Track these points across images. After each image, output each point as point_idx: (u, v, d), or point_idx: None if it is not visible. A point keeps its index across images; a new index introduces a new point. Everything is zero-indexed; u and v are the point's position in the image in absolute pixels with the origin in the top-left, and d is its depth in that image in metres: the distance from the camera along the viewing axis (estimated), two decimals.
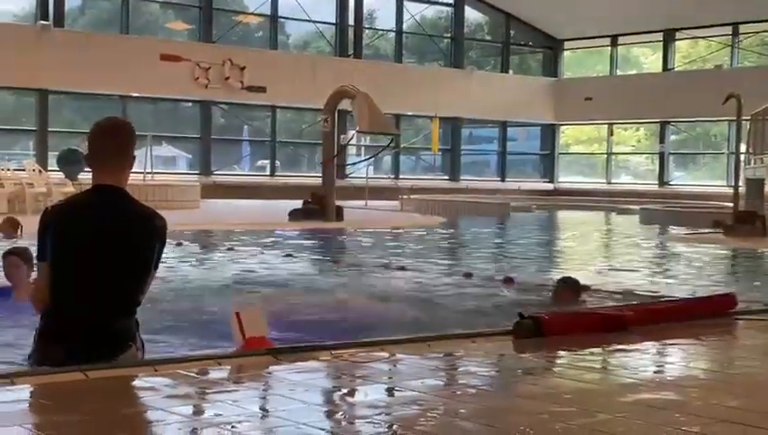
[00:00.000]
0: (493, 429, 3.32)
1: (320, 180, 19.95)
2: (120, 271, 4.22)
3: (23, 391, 3.67)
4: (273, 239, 15.17)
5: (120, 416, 3.44)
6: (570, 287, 7.57)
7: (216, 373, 4.10)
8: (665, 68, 34.67)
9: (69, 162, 21.96)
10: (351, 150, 31.52)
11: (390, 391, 3.96)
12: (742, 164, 19.85)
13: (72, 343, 4.11)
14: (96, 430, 3.12)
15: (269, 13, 30.79)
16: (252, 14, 31.03)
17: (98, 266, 4.18)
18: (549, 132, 37.29)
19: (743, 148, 19.79)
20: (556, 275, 10.71)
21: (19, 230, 12.77)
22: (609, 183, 35.96)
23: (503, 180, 35.70)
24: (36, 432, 3.18)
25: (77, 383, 3.77)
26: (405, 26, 33.90)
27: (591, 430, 3.27)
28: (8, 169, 20.32)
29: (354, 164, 28.29)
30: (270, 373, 4.13)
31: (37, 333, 4.27)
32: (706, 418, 3.48)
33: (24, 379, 3.80)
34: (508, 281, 9.11)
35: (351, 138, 25.73)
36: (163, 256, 4.43)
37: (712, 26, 33.29)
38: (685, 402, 3.79)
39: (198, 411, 3.53)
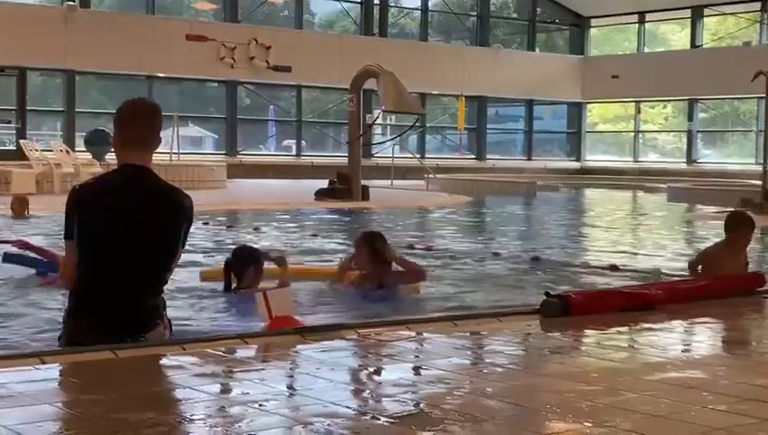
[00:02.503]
0: (520, 407, 3.32)
1: (346, 160, 19.95)
2: (147, 250, 4.24)
3: (52, 370, 3.71)
4: (299, 219, 15.20)
5: (148, 394, 3.47)
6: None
7: (243, 352, 4.13)
8: (693, 45, 34.36)
9: (96, 143, 22.07)
10: (377, 130, 31.47)
11: (417, 370, 3.96)
12: None
13: (99, 322, 4.14)
14: (124, 408, 3.15)
15: None
16: None
17: (125, 245, 4.21)
18: (575, 111, 37.09)
19: None
20: (585, 254, 10.68)
21: (27, 209, 12.90)
22: (637, 161, 35.75)
23: (529, 159, 35.56)
24: (65, 411, 3.21)
25: (106, 362, 3.80)
26: (430, 4, 33.75)
27: (619, 409, 3.26)
28: (36, 150, 20.44)
29: (380, 144, 28.26)
30: (296, 352, 4.14)
31: (66, 311, 4.31)
32: (734, 397, 3.47)
33: (53, 358, 3.84)
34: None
35: (377, 117, 25.67)
36: (189, 235, 4.45)
37: (740, 2, 32.94)
38: (712, 381, 3.77)
39: (226, 390, 3.55)
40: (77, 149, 23.36)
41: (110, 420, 3.00)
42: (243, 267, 6.37)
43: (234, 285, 6.37)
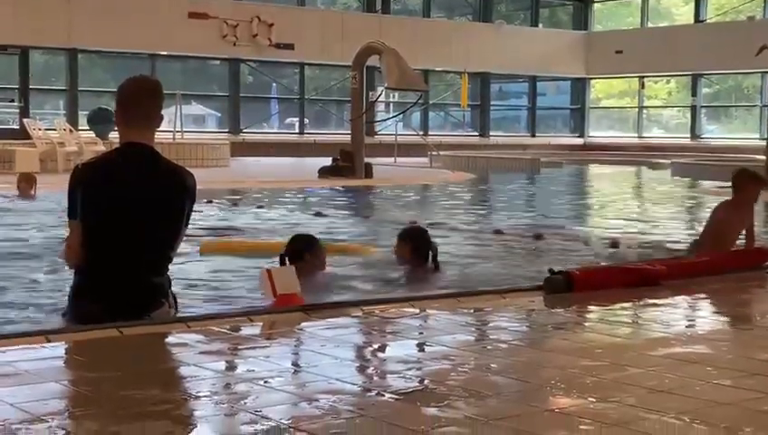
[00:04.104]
0: (524, 383, 3.33)
1: (349, 138, 19.93)
2: (152, 228, 4.24)
3: (58, 348, 3.72)
4: (302, 197, 15.20)
5: (153, 372, 3.48)
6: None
7: (248, 330, 4.14)
8: (697, 19, 34.20)
9: (99, 121, 22.04)
10: (380, 107, 31.40)
11: (421, 347, 3.98)
12: None
13: (105, 300, 4.15)
14: (130, 385, 3.16)
15: None
16: None
17: (129, 224, 4.21)
18: (579, 86, 36.98)
19: None
20: (588, 230, 10.69)
21: (34, 187, 12.88)
22: (641, 137, 35.66)
23: (532, 136, 35.48)
24: (71, 388, 3.23)
25: (112, 340, 3.81)
26: None
27: (623, 384, 3.27)
28: (40, 129, 20.42)
29: (383, 121, 28.20)
30: (301, 329, 4.16)
31: (71, 290, 4.32)
32: (739, 371, 3.48)
33: (58, 336, 3.85)
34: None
35: (380, 94, 25.61)
36: (193, 213, 4.46)
37: None
38: (717, 356, 3.78)
39: (231, 367, 3.57)
40: (80, 127, 23.33)
41: (116, 398, 3.01)
42: (294, 257, 5.85)
43: None
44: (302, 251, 6.05)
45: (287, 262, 5.90)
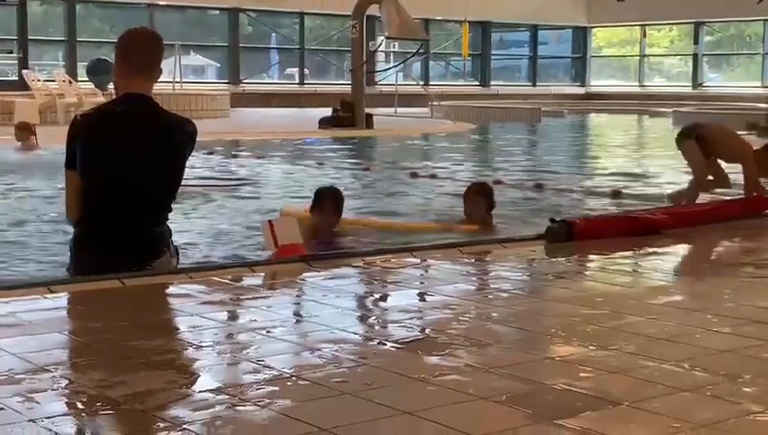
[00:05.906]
0: (524, 331, 3.35)
1: (349, 88, 19.84)
2: (151, 177, 4.22)
3: (60, 299, 3.74)
4: (303, 148, 15.18)
5: (156, 322, 3.50)
6: None
7: (250, 280, 4.15)
8: None
9: (98, 72, 21.93)
10: (380, 57, 31.21)
11: (422, 296, 3.99)
12: None
13: (105, 250, 4.14)
14: (133, 335, 3.18)
15: None
16: None
17: (129, 173, 4.19)
18: (580, 35, 36.72)
19: None
20: (589, 180, 10.69)
21: (31, 136, 12.83)
22: (642, 86, 35.50)
23: (534, 85, 35.32)
24: (74, 338, 3.25)
25: (113, 291, 3.82)
26: None
27: (623, 332, 3.29)
28: (39, 80, 20.32)
29: (384, 71, 28.05)
30: (303, 280, 4.17)
31: (71, 243, 4.32)
32: (738, 319, 3.49)
33: (60, 287, 3.86)
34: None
35: (380, 44, 25.43)
36: (197, 168, 4.45)
37: None
38: (716, 304, 3.80)
39: (233, 317, 3.58)
40: (79, 78, 23.22)
41: (120, 348, 3.03)
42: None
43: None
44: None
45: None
